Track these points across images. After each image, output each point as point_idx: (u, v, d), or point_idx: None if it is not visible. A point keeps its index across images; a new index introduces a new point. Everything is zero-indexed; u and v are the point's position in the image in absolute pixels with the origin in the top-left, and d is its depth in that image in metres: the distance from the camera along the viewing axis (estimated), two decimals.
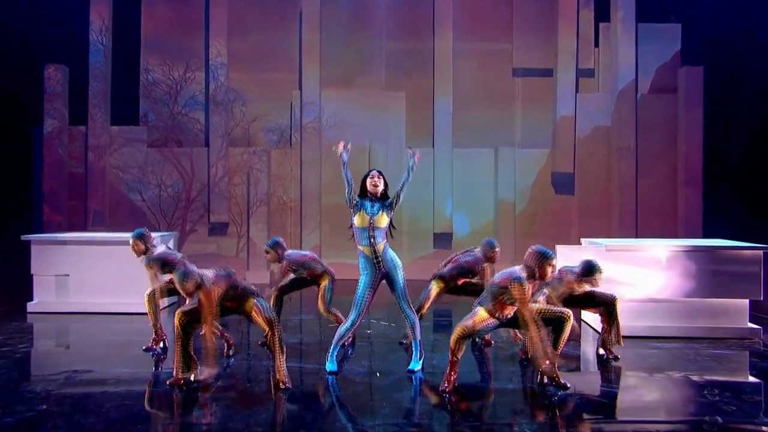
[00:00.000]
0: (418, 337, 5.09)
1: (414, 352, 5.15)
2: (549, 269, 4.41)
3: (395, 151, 11.07)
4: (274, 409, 4.41)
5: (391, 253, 4.99)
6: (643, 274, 6.47)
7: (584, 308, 5.68)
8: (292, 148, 11.27)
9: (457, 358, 4.58)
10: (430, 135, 11.38)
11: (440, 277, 5.85)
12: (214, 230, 11.29)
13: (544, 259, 4.40)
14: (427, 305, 5.81)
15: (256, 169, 11.14)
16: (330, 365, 5.10)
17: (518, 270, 4.44)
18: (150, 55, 11.30)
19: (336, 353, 5.15)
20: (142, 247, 5.82)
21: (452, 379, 4.60)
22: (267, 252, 6.08)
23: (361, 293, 4.93)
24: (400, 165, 11.15)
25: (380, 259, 4.91)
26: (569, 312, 4.66)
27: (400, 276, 4.99)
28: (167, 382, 4.69)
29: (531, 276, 4.42)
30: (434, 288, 5.83)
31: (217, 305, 4.46)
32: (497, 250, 5.82)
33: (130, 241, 5.83)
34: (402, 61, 11.44)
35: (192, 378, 4.68)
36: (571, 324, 4.63)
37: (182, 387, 4.63)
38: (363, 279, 4.94)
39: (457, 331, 4.56)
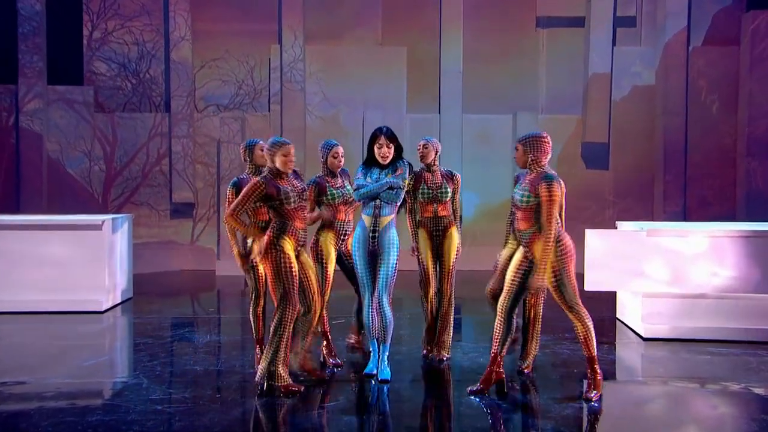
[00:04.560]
0: (388, 341, 5.09)
1: (380, 356, 5.11)
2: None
3: (394, 117, 10.94)
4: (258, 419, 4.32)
5: (393, 233, 5.04)
6: (694, 264, 6.38)
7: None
8: (271, 114, 11.15)
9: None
10: (435, 98, 11.28)
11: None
12: (178, 212, 11.19)
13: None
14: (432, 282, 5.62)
15: (226, 138, 11.02)
16: (372, 366, 5.19)
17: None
18: None
19: (377, 350, 5.16)
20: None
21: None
22: None
23: (363, 272, 5.06)
24: (400, 135, 11.00)
25: (377, 234, 4.98)
26: None
27: (393, 259, 5.00)
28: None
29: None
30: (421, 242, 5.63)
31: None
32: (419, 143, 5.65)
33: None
34: (402, 10, 11.29)
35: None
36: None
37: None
38: (358, 257, 5.06)
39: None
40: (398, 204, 5.10)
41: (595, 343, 4.66)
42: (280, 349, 4.69)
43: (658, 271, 6.39)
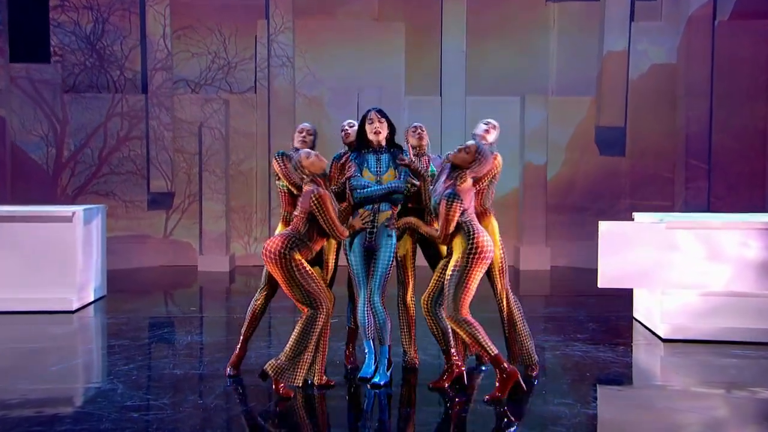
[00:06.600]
0: (387, 342, 5.11)
1: (379, 359, 5.12)
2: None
3: (391, 100, 10.94)
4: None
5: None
6: (718, 259, 6.36)
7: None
8: (257, 96, 11.13)
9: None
10: (437, 79, 11.29)
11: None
12: (156, 202, 11.17)
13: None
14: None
15: (208, 123, 11.00)
16: (368, 370, 5.15)
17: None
18: None
19: (373, 352, 5.15)
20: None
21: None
22: None
23: (358, 269, 5.09)
24: (398, 120, 10.99)
25: (376, 229, 5.03)
26: None
27: (388, 256, 5.05)
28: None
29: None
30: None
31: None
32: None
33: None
34: None
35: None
36: None
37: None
38: (353, 254, 5.10)
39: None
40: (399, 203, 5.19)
41: (488, 343, 4.67)
42: (304, 351, 4.77)
43: (678, 267, 6.37)
